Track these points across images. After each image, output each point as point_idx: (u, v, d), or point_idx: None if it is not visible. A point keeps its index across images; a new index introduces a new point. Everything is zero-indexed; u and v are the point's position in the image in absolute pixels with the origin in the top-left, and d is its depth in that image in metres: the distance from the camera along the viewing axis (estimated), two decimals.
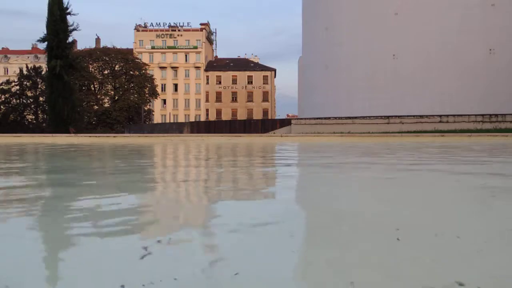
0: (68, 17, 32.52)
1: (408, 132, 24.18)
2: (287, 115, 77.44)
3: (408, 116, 28.43)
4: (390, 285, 1.08)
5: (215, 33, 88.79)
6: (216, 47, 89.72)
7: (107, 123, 53.50)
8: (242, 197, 2.75)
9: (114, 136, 19.91)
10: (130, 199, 2.60)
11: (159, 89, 67.86)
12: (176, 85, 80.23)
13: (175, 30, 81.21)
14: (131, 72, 58.55)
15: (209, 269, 1.15)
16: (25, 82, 49.60)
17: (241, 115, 75.64)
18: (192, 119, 72.56)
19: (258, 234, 1.56)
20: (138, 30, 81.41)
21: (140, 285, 1.04)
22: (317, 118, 31.27)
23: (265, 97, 79.21)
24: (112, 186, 3.25)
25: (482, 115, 27.20)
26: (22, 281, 1.11)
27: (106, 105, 57.61)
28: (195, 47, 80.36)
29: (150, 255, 1.28)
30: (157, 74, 74.18)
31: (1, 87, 49.32)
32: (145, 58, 74.28)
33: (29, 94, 49.89)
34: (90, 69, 55.99)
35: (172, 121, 70.88)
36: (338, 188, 3.16)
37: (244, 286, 1.05)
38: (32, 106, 50.42)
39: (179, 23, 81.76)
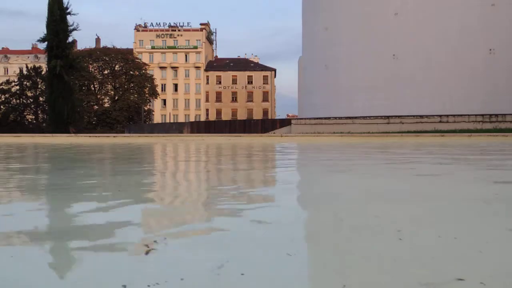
0: (68, 17, 32.56)
1: (408, 132, 24.17)
2: (287, 115, 77.31)
3: (408, 116, 28.42)
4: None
5: (215, 33, 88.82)
6: (216, 47, 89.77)
7: (107, 123, 53.50)
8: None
9: (114, 136, 19.93)
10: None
11: (159, 89, 67.84)
12: (176, 85, 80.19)
13: (175, 30, 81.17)
14: (131, 72, 58.54)
15: None
16: (25, 82, 49.60)
17: (241, 115, 75.60)
18: (192, 119, 72.51)
19: None
20: (138, 30, 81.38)
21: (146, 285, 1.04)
22: (317, 118, 31.26)
23: (265, 97, 79.18)
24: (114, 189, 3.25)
25: (482, 115, 27.18)
26: (23, 279, 1.11)
27: (106, 105, 57.61)
28: (195, 47, 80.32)
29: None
30: (157, 74, 74.13)
31: (1, 87, 49.33)
32: (145, 58, 74.23)
33: (29, 94, 49.89)
34: (90, 69, 55.98)
35: (172, 121, 70.84)
36: None
37: None
38: (32, 106, 50.43)
39: (179, 23, 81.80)
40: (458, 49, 29.58)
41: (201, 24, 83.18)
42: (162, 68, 79.78)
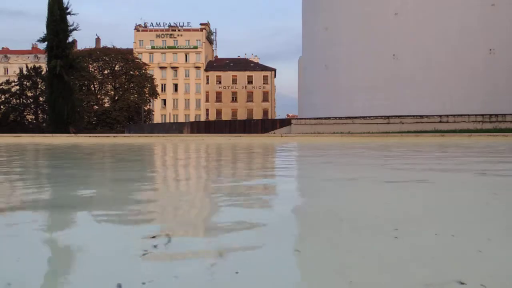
0: (68, 17, 32.51)
1: (408, 132, 24.16)
2: (287, 115, 77.24)
3: (408, 116, 28.41)
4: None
5: (215, 33, 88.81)
6: (216, 47, 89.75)
7: (107, 123, 53.50)
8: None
9: (114, 136, 19.94)
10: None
11: (159, 89, 67.82)
12: (176, 85, 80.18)
13: (175, 30, 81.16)
14: (131, 72, 58.53)
15: None
16: (25, 82, 49.58)
17: (241, 115, 75.59)
18: (192, 119, 72.51)
19: None
20: (138, 30, 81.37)
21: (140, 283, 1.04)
22: (317, 118, 31.25)
23: (265, 97, 79.17)
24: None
25: (482, 115, 27.18)
26: (22, 279, 1.11)
27: (106, 105, 57.60)
28: (195, 47, 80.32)
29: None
30: (157, 74, 74.12)
31: (1, 87, 49.32)
32: (145, 58, 74.22)
33: (29, 94, 49.88)
34: (90, 69, 55.96)
35: (172, 121, 70.84)
36: None
37: None
38: (32, 106, 50.42)
39: (179, 23, 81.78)
40: (458, 49, 29.57)
41: (201, 24, 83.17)
42: (162, 68, 79.78)
